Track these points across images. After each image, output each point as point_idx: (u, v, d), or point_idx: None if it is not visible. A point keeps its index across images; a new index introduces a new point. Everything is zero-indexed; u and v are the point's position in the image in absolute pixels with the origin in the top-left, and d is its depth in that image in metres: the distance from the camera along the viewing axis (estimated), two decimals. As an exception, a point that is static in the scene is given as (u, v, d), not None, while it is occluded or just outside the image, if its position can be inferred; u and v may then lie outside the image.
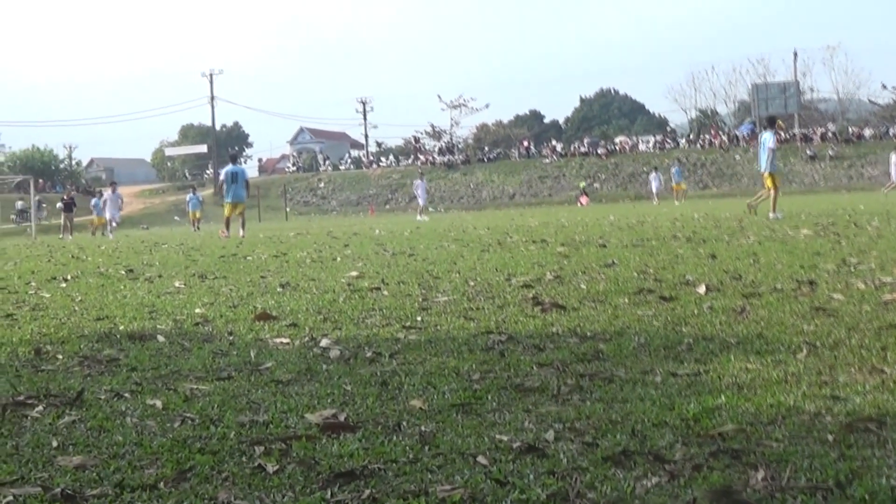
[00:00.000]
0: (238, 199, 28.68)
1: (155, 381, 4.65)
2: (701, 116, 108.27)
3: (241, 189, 28.79)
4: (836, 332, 5.18)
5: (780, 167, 25.10)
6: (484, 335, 5.65)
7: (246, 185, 29.43)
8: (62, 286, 10.83)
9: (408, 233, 23.49)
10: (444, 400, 3.98)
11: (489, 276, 9.46)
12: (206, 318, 7.03)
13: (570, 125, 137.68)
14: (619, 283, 8.19)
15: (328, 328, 6.28)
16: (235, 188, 28.54)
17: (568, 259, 11.36)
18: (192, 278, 11.05)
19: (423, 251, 14.43)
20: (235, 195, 28.57)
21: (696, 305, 6.58)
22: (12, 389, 4.53)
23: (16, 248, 28.74)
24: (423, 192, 52.26)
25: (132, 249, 21.41)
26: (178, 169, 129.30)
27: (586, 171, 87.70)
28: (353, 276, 10.14)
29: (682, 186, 60.59)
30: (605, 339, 5.31)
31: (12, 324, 7.24)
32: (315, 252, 15.64)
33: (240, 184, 28.70)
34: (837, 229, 15.13)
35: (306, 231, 31.20)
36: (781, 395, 3.80)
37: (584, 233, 18.31)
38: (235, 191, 28.55)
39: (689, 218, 24.18)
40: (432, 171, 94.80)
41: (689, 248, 12.34)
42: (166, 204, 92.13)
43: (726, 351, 4.82)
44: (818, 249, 11.03)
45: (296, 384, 4.45)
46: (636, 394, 3.95)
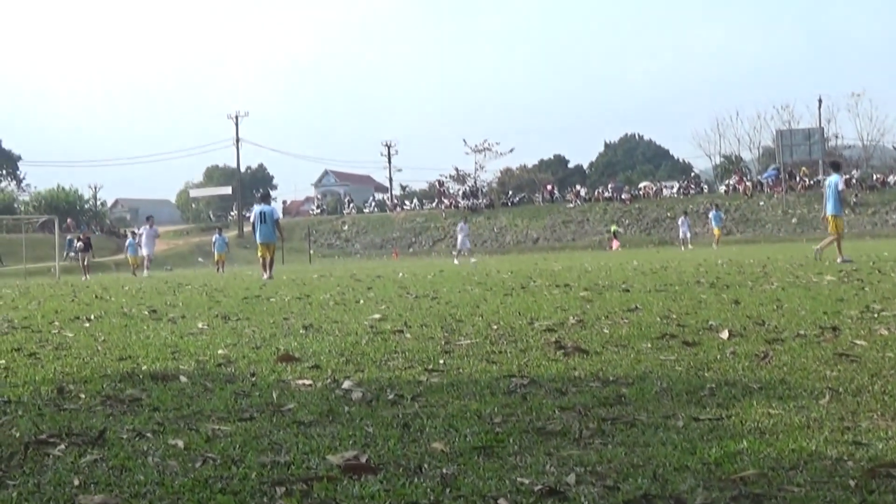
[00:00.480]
0: (268, 239, 27.88)
1: (177, 421, 4.66)
2: (725, 162, 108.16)
3: (271, 229, 27.94)
4: (858, 378, 5.16)
5: (843, 211, 25.04)
6: (506, 378, 5.64)
7: (276, 224, 28.41)
8: (85, 326, 10.87)
9: (431, 276, 23.49)
10: (465, 443, 3.98)
11: (512, 320, 9.45)
12: (228, 359, 7.04)
13: (594, 170, 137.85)
14: (641, 328, 8.17)
15: (350, 370, 6.28)
16: (265, 228, 27.81)
17: (591, 303, 11.34)
18: (215, 319, 11.07)
19: (446, 294, 14.43)
20: (265, 235, 27.81)
21: (718, 351, 6.56)
22: (35, 428, 4.54)
23: (39, 287, 28.86)
24: (465, 237, 51.19)
25: (156, 290, 21.48)
26: (203, 210, 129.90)
27: (610, 216, 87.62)
28: (375, 319, 10.15)
29: (719, 231, 60.04)
30: (627, 384, 5.30)
31: (35, 362, 7.27)
32: (338, 294, 15.66)
33: (269, 223, 27.87)
34: (861, 276, 15.07)
35: (330, 273, 31.17)
36: (804, 441, 3.78)
37: (607, 278, 18.28)
38: (265, 231, 27.82)
39: (713, 264, 24.12)
40: (456, 215, 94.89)
41: (712, 293, 12.31)
42: (190, 245, 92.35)
43: (749, 396, 4.81)
44: (842, 296, 10.99)
45: (318, 425, 4.45)
46: (658, 438, 3.94)
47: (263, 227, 27.73)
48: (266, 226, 27.72)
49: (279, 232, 28.54)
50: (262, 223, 27.75)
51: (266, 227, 27.72)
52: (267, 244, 27.77)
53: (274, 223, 28.12)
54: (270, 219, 27.99)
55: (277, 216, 29.26)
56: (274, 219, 28.32)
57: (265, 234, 27.75)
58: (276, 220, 28.56)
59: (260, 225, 27.86)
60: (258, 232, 28.02)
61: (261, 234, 27.86)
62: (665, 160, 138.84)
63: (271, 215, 28.29)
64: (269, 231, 27.80)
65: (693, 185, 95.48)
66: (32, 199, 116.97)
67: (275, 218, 28.46)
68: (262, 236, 27.81)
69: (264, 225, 27.72)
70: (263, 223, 27.74)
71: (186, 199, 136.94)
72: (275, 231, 28.07)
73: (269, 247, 27.83)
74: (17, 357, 7.67)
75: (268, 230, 27.76)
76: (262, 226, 27.77)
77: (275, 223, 28.19)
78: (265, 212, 28.12)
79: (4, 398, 5.47)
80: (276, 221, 28.39)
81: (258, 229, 27.99)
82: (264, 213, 27.99)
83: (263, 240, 27.76)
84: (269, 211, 28.43)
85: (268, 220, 27.85)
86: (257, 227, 28.08)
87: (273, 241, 28.14)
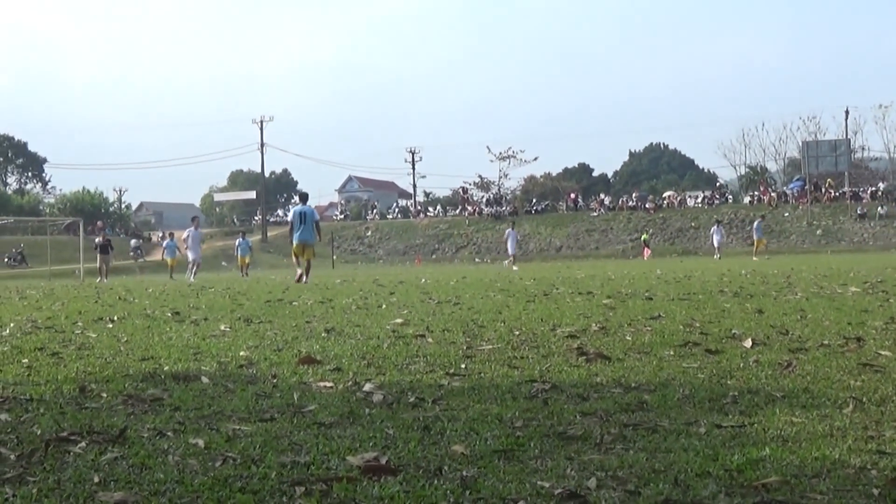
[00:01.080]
0: (306, 240, 27.00)
1: (198, 420, 4.66)
2: (750, 173, 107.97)
3: (311, 230, 27.12)
4: (882, 388, 5.13)
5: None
6: (527, 383, 5.62)
7: (316, 226, 27.48)
8: (108, 327, 10.90)
9: (454, 282, 23.49)
10: (486, 446, 3.96)
11: (534, 326, 9.44)
12: (250, 361, 7.05)
13: (618, 179, 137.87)
14: (664, 336, 8.15)
15: (372, 373, 6.27)
16: (304, 229, 26.95)
17: (614, 311, 11.31)
18: (237, 322, 11.08)
19: (468, 300, 14.42)
20: (303, 236, 26.94)
21: (741, 359, 6.53)
22: (56, 426, 4.56)
23: (64, 288, 28.99)
24: (514, 242, 49.57)
25: (179, 293, 21.55)
26: (227, 214, 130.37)
27: (634, 224, 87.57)
28: (397, 323, 10.14)
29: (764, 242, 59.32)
30: (649, 390, 5.28)
31: (58, 362, 7.29)
32: (361, 299, 15.66)
33: (308, 224, 27.05)
34: (886, 287, 15.00)
35: (352, 278, 31.21)
36: (827, 449, 3.76)
37: (630, 286, 18.24)
38: (303, 232, 26.94)
39: (737, 273, 24.05)
40: (479, 223, 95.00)
41: (735, 302, 12.27)
42: (214, 249, 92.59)
43: (772, 404, 4.78)
44: (866, 307, 10.94)
45: (338, 427, 4.45)
46: (680, 444, 3.92)
47: (303, 227, 27.00)
48: (305, 227, 27.01)
49: (318, 234, 27.70)
50: (302, 224, 27.02)
51: (305, 227, 27.01)
52: (304, 245, 27.02)
53: (313, 224, 27.36)
54: (310, 220, 27.28)
55: (317, 218, 28.32)
56: (314, 220, 27.52)
57: (304, 235, 26.99)
58: (316, 222, 27.74)
59: (299, 225, 27.07)
60: (296, 232, 27.14)
61: (300, 234, 27.02)
62: (690, 170, 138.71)
63: (311, 216, 27.52)
64: (309, 232, 27.07)
65: (718, 195, 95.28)
66: (58, 202, 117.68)
67: (315, 219, 27.63)
68: (300, 237, 27.02)
69: (304, 226, 27.00)
70: (303, 224, 27.01)
71: (211, 203, 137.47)
72: (314, 232, 27.31)
73: (305, 248, 27.08)
74: (41, 356, 7.70)
75: (307, 231, 27.04)
76: (301, 226, 27.02)
77: (314, 224, 27.43)
78: (305, 212, 27.43)
79: (27, 396, 5.50)
80: (315, 223, 27.58)
81: (297, 230, 27.14)
82: (304, 214, 27.32)
83: (301, 240, 27.00)
84: (308, 212, 27.64)
85: (307, 220, 27.15)
86: (296, 227, 27.20)
87: (311, 243, 27.32)
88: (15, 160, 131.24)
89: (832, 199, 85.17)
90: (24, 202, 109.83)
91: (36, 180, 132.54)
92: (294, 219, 27.56)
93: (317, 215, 28.43)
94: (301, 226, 27.00)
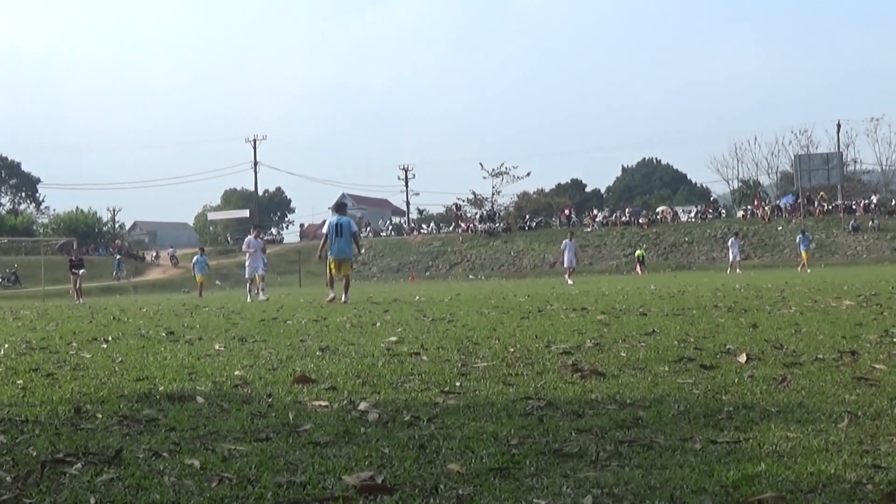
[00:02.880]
0: (343, 254, 24.54)
1: (193, 441, 4.66)
2: (743, 187, 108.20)
3: (348, 243, 24.61)
4: (877, 402, 5.14)
5: None
6: (523, 401, 5.63)
7: (354, 238, 25.00)
8: (103, 347, 10.89)
9: (448, 299, 23.48)
10: (482, 464, 3.97)
11: (529, 343, 9.44)
12: (245, 381, 7.04)
13: (611, 194, 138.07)
14: (659, 352, 8.15)
15: (367, 392, 6.27)
16: (340, 242, 24.43)
17: (608, 327, 11.32)
18: (232, 341, 11.08)
19: (462, 317, 14.42)
20: (340, 250, 24.48)
21: (736, 374, 6.54)
22: (51, 447, 4.55)
23: (58, 308, 28.95)
24: (572, 254, 46.12)
25: (173, 312, 21.52)
26: (221, 233, 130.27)
27: (627, 240, 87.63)
28: (392, 341, 10.14)
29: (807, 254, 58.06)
30: (644, 407, 5.28)
31: (53, 382, 7.28)
32: (355, 317, 15.65)
33: (345, 237, 24.47)
34: (880, 300, 15.04)
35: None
36: (822, 464, 3.76)
37: (624, 301, 18.25)
38: (340, 245, 24.45)
39: (731, 288, 24.08)
40: (473, 239, 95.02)
41: (730, 317, 12.29)
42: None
43: (767, 419, 4.79)
44: (860, 320, 10.96)
45: (333, 446, 4.45)
46: (675, 460, 3.93)
47: (339, 240, 24.48)
48: (342, 239, 24.51)
49: (357, 247, 25.52)
50: (338, 236, 24.47)
51: (342, 240, 24.51)
52: (341, 261, 24.63)
53: (351, 237, 24.82)
54: (347, 231, 24.66)
55: (355, 229, 25.48)
56: (351, 232, 24.88)
57: (340, 249, 24.56)
58: (354, 234, 25.16)
59: (335, 238, 24.47)
60: (333, 246, 24.55)
61: (335, 248, 24.54)
62: (683, 185, 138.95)
63: (348, 227, 24.80)
64: (346, 245, 24.62)
65: (711, 209, 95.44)
66: (51, 222, 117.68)
67: (352, 231, 24.99)
68: (336, 251, 24.55)
69: (340, 238, 24.48)
70: (339, 236, 24.47)
71: (204, 222, 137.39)
72: (351, 245, 24.88)
73: (342, 263, 24.69)
74: (35, 377, 7.69)
75: (344, 244, 24.56)
76: (337, 239, 24.48)
77: (352, 237, 24.92)
78: (341, 223, 24.78)
79: (22, 417, 5.49)
80: (353, 235, 25.04)
81: (333, 243, 24.53)
82: (341, 226, 24.70)
83: (338, 255, 24.55)
84: (345, 223, 24.93)
85: (344, 232, 24.57)
86: (332, 240, 24.54)
87: (349, 258, 25.02)
88: (8, 180, 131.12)
89: (825, 212, 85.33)
90: (18, 222, 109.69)
91: (29, 200, 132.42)
92: (329, 231, 24.86)
93: (354, 226, 25.68)
94: (337, 239, 24.53)
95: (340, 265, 24.60)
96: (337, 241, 24.44)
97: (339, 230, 24.50)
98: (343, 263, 24.63)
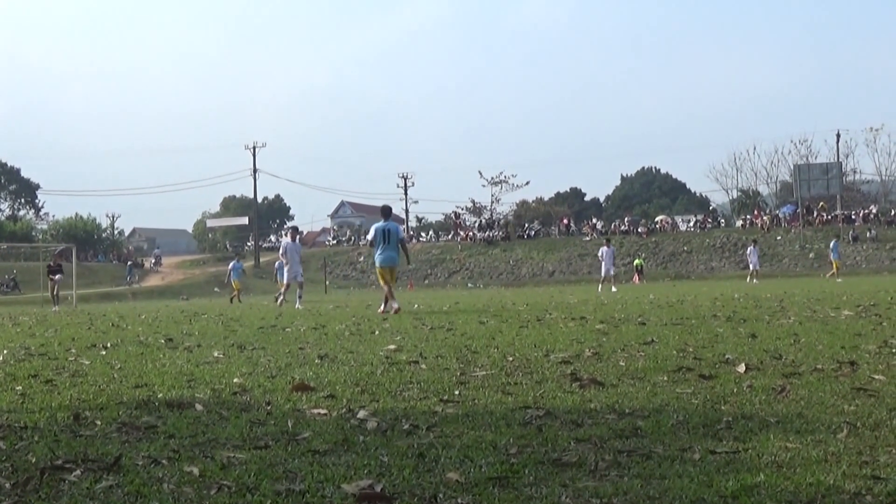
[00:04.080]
0: (391, 262, 23.01)
1: (192, 448, 4.66)
2: (742, 196, 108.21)
3: (395, 250, 23.05)
4: (876, 413, 5.14)
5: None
6: (521, 410, 5.62)
7: (401, 245, 23.37)
8: (102, 353, 10.88)
9: (446, 307, 23.47)
10: (480, 473, 3.96)
11: (527, 352, 9.43)
12: (244, 388, 7.04)
13: (610, 203, 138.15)
14: (658, 361, 8.15)
15: (366, 400, 6.27)
16: (387, 249, 22.88)
17: (607, 336, 11.32)
18: (230, 348, 11.08)
19: (461, 326, 14.41)
20: (387, 258, 22.93)
21: (735, 384, 6.53)
22: (51, 454, 4.55)
23: (56, 315, 28.93)
24: (611, 261, 44.75)
25: (172, 319, 21.52)
26: (220, 240, 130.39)
27: (626, 249, 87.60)
28: (391, 350, 10.14)
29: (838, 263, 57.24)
30: (643, 416, 5.28)
31: (52, 389, 7.28)
32: (354, 325, 15.65)
33: (393, 244, 22.93)
34: (879, 310, 15.03)
35: (345, 304, 31.13)
36: (821, 475, 3.76)
37: (623, 311, 18.25)
38: (387, 252, 22.89)
39: (730, 298, 24.08)
40: (471, 248, 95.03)
41: (728, 327, 12.29)
42: (206, 275, 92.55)
43: (766, 430, 4.78)
44: (859, 330, 10.96)
45: (332, 454, 4.45)
46: (674, 471, 3.93)
47: (386, 247, 22.94)
48: (389, 246, 22.95)
49: (405, 254, 23.77)
50: (386, 243, 22.92)
51: (389, 247, 22.95)
52: (389, 268, 23.11)
53: (398, 243, 23.30)
54: (395, 238, 23.12)
55: (402, 235, 24.02)
56: (399, 238, 23.37)
57: (388, 257, 23.02)
58: (402, 240, 23.64)
59: (382, 245, 22.94)
60: (380, 253, 23.05)
61: (383, 255, 23.00)
62: (682, 194, 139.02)
63: (396, 234, 23.29)
64: (393, 252, 23.08)
65: (710, 219, 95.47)
66: (51, 228, 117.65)
67: (399, 237, 23.47)
68: (383, 258, 23.03)
69: (387, 245, 22.93)
70: (386, 243, 22.92)
71: (203, 229, 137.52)
72: (399, 253, 23.34)
73: (391, 271, 23.17)
74: (34, 384, 7.69)
75: (391, 251, 23.02)
76: (384, 246, 22.94)
77: (399, 243, 23.39)
78: (389, 230, 23.17)
79: (21, 424, 5.49)
80: (401, 241, 23.51)
81: (380, 250, 23.02)
82: (388, 232, 23.08)
83: (385, 263, 23.06)
84: (393, 229, 23.37)
85: (391, 239, 23.00)
86: (379, 247, 23.03)
87: (396, 265, 23.57)
88: (8, 186, 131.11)
89: (824, 222, 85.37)
90: (17, 228, 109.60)
91: (29, 206, 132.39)
92: (376, 237, 23.21)
93: (402, 232, 24.38)
94: (384, 245, 23.00)
95: (388, 272, 23.09)
96: (384, 249, 22.97)
97: (386, 236, 22.99)
98: (391, 271, 23.18)
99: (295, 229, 34.96)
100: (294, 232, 34.23)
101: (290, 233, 34.20)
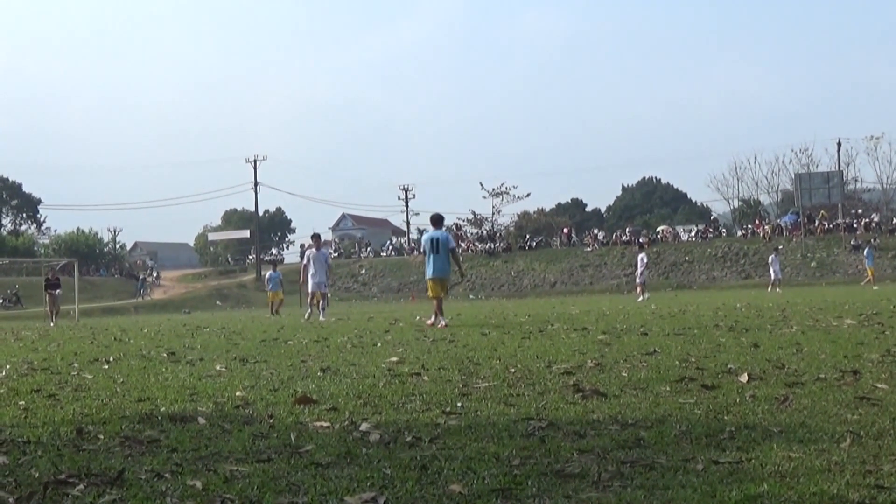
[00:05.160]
0: (442, 273, 21.48)
1: (195, 462, 4.66)
2: (744, 206, 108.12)
3: (446, 260, 21.40)
4: (880, 422, 5.13)
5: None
6: (524, 421, 5.62)
7: (452, 254, 21.68)
8: (104, 368, 10.88)
9: (448, 319, 23.47)
10: (483, 485, 3.96)
11: (530, 363, 9.43)
12: (246, 401, 7.04)
13: (611, 214, 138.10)
14: (660, 371, 8.15)
15: (368, 412, 6.27)
16: (437, 260, 21.33)
17: (609, 347, 11.31)
18: (233, 362, 11.07)
19: (463, 338, 14.41)
20: (438, 269, 21.40)
21: (738, 394, 6.53)
22: (54, 468, 4.55)
23: (59, 329, 28.93)
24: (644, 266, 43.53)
25: (174, 333, 21.52)
26: (221, 254, 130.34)
27: (628, 259, 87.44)
28: (393, 362, 10.14)
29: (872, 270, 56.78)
30: (646, 427, 5.28)
31: (55, 404, 7.28)
32: (356, 337, 15.65)
33: (442, 254, 21.27)
34: (881, 319, 15.03)
35: (347, 316, 31.11)
36: (825, 484, 3.76)
37: (625, 321, 18.24)
38: (438, 263, 21.36)
39: (732, 307, 24.07)
40: (473, 259, 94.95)
41: (731, 336, 12.28)
42: (208, 288, 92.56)
43: (769, 439, 4.78)
44: (862, 339, 10.95)
45: (335, 467, 4.45)
46: (677, 481, 3.92)
47: (436, 258, 21.39)
48: (439, 257, 21.36)
49: (457, 265, 22.49)
50: (435, 253, 21.39)
51: (439, 258, 21.37)
52: (440, 280, 21.65)
53: (448, 253, 21.56)
54: (444, 248, 21.45)
55: (452, 245, 22.10)
56: (449, 248, 21.64)
57: (438, 268, 21.50)
58: (452, 250, 21.84)
59: (432, 256, 21.44)
60: (430, 265, 21.58)
61: (433, 267, 21.51)
62: (683, 204, 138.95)
63: (445, 243, 21.59)
64: (444, 263, 21.49)
65: (711, 229, 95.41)
66: (52, 243, 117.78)
67: (450, 247, 21.73)
68: (434, 270, 21.52)
69: (437, 256, 21.38)
70: (436, 253, 21.38)
71: (205, 243, 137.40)
72: (450, 263, 21.70)
73: (442, 283, 21.73)
74: (37, 398, 7.69)
75: (442, 262, 21.43)
76: (434, 256, 21.41)
77: (449, 253, 21.63)
78: (438, 239, 21.56)
79: (24, 438, 5.49)
80: (451, 251, 21.74)
81: (430, 261, 21.54)
82: (437, 241, 21.50)
83: (436, 274, 21.57)
84: (443, 238, 21.71)
85: (441, 249, 21.38)
86: (429, 258, 21.54)
87: (447, 277, 22.16)
88: (10, 201, 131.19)
89: (826, 231, 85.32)
90: (19, 243, 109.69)
91: (31, 221, 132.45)
92: (425, 247, 21.86)
93: (452, 242, 22.31)
94: (433, 256, 21.49)
95: (441, 284, 21.73)
96: (434, 259, 21.47)
97: (435, 246, 21.47)
98: (442, 283, 21.77)
99: (318, 237, 31.07)
100: (318, 240, 30.55)
101: (314, 240, 30.44)
